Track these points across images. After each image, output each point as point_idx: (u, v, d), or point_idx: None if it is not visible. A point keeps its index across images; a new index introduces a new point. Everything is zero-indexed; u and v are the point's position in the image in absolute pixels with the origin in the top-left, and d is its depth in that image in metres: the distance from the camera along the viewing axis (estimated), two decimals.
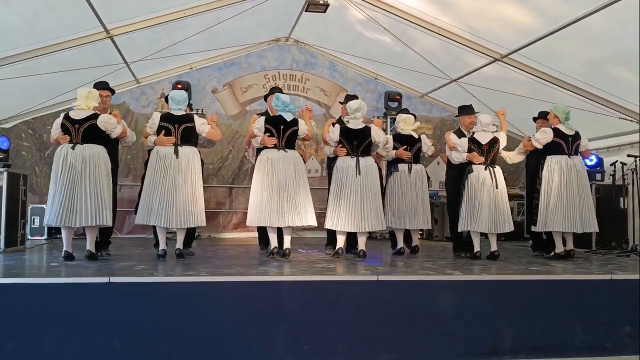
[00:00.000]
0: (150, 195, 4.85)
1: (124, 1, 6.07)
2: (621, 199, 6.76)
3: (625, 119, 6.65)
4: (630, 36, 5.37)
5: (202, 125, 5.05)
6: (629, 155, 6.51)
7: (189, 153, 4.95)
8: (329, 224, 5.20)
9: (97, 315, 3.38)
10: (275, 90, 5.69)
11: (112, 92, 5.48)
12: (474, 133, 5.52)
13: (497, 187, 5.30)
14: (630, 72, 6.04)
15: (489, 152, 5.40)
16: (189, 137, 5.01)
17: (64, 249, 4.73)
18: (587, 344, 3.80)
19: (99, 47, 6.59)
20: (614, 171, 6.73)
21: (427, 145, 5.88)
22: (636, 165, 6.42)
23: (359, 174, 5.10)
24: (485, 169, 5.36)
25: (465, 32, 6.72)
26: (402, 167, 5.72)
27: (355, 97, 5.93)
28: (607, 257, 5.83)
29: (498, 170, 5.43)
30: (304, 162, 5.28)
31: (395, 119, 9.14)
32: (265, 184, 4.94)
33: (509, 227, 5.34)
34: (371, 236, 9.13)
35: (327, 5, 6.98)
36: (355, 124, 5.27)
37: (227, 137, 8.90)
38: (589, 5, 5.28)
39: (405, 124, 5.85)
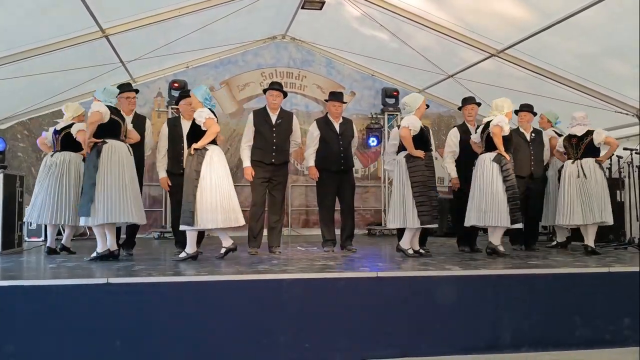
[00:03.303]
0: (213, 197, 4.58)
1: (119, 0, 6.05)
2: (618, 192, 6.78)
3: (620, 112, 6.67)
4: (625, 30, 5.38)
5: None
6: (625, 149, 6.53)
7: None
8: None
9: (96, 316, 3.37)
10: (274, 85, 5.56)
11: (136, 91, 5.65)
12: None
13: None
14: (625, 66, 6.05)
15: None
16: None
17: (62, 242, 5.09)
18: (586, 336, 3.81)
19: (94, 46, 6.57)
20: (611, 164, 6.75)
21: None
22: (632, 159, 6.44)
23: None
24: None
25: (461, 28, 6.72)
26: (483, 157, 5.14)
27: (340, 94, 5.90)
28: (605, 249, 5.84)
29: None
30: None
31: (393, 115, 9.27)
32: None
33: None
34: (370, 233, 9.18)
35: (322, 3, 6.98)
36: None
37: (225, 135, 8.89)
38: (583, 0, 5.28)
39: (497, 110, 5.12)
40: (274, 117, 5.42)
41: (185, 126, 5.38)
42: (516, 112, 5.95)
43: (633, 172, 6.50)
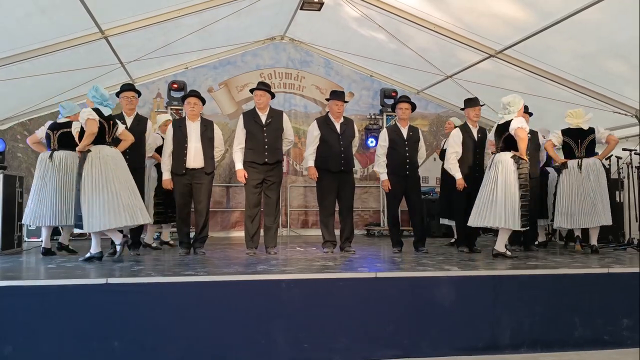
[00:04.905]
0: (96, 199, 4.66)
1: (119, 1, 6.04)
2: (617, 192, 6.79)
3: (619, 112, 6.67)
4: (624, 30, 5.39)
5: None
6: (624, 149, 6.53)
7: None
8: None
9: (95, 316, 3.38)
10: (259, 85, 5.52)
11: (138, 93, 5.64)
12: None
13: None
14: (624, 66, 6.06)
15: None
16: None
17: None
18: (586, 337, 3.82)
19: (93, 47, 6.57)
20: (610, 165, 6.75)
21: (599, 133, 5.59)
22: (631, 159, 6.45)
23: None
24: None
25: (460, 29, 6.73)
26: (572, 163, 5.61)
27: (341, 92, 5.90)
28: (604, 250, 5.85)
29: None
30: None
31: (391, 116, 9.27)
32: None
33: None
34: (369, 233, 9.18)
35: (321, 4, 6.98)
36: (508, 119, 5.07)
37: (223, 136, 8.88)
38: (582, 0, 5.29)
39: (574, 117, 5.67)
40: (263, 117, 5.42)
41: (190, 127, 5.41)
42: None
43: (632, 172, 6.51)
